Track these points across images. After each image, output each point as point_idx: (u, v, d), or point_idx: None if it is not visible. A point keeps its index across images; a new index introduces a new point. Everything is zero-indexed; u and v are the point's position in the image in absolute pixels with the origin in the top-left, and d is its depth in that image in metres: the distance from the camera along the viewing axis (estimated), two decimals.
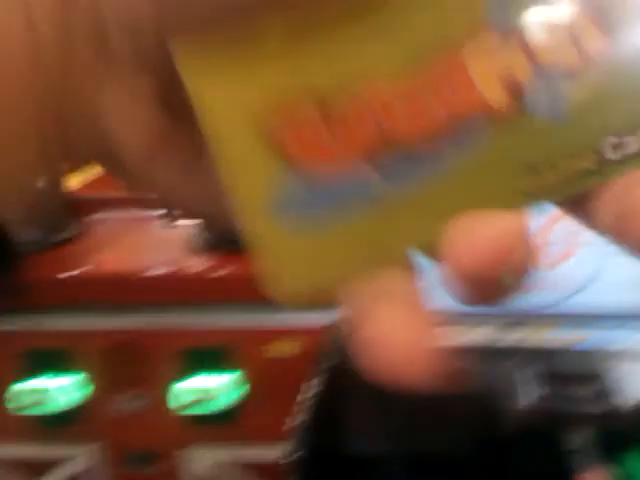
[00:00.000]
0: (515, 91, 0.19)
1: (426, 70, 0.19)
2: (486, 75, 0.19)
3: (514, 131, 0.19)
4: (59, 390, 1.41)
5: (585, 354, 0.99)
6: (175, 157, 0.22)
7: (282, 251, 0.20)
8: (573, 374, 0.95)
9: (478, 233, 0.18)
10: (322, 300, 0.20)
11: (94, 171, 2.37)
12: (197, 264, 1.43)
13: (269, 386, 1.32)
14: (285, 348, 1.29)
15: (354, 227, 0.20)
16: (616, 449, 0.84)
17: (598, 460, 0.82)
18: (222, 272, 1.37)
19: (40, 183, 0.23)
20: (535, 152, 0.19)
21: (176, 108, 0.20)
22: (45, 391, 1.41)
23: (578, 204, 0.20)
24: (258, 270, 0.20)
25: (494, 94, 0.19)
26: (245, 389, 1.36)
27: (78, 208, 1.67)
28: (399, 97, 0.19)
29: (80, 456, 1.47)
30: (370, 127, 0.19)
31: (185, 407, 1.36)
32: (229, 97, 0.19)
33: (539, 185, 0.19)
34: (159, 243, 1.57)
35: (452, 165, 0.19)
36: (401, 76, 0.19)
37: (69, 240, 1.55)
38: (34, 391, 1.42)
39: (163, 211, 1.53)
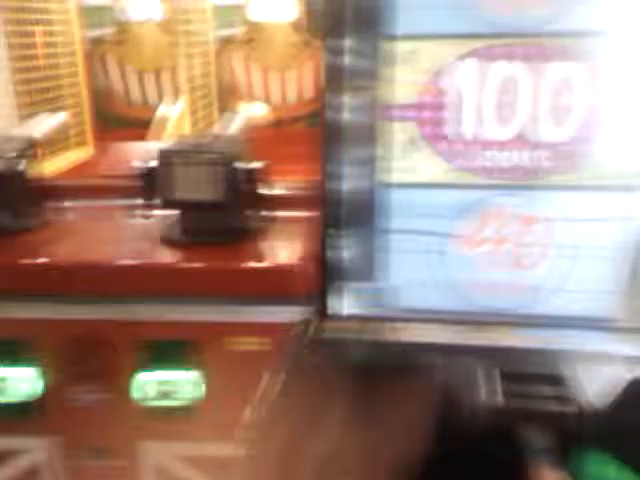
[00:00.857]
0: None
1: None
2: None
3: None
4: (17, 381, 1.38)
5: (548, 355, 0.99)
6: None
7: None
8: (535, 374, 0.95)
9: None
10: None
11: (67, 158, 2.33)
12: (164, 256, 1.41)
13: (232, 381, 1.29)
14: (250, 344, 1.26)
15: None
16: (574, 448, 0.83)
17: (555, 458, 0.81)
18: (189, 265, 1.34)
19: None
20: None
21: None
22: (2, 381, 1.38)
23: None
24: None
25: None
26: (207, 384, 1.33)
27: (49, 195, 1.64)
28: None
29: (37, 448, 1.43)
30: None
31: (146, 400, 1.34)
32: None
33: None
34: (130, 234, 1.54)
35: None
36: None
37: (37, 227, 1.52)
38: None
39: (136, 201, 1.50)
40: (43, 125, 1.84)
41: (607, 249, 1.01)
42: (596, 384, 0.91)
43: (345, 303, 1.06)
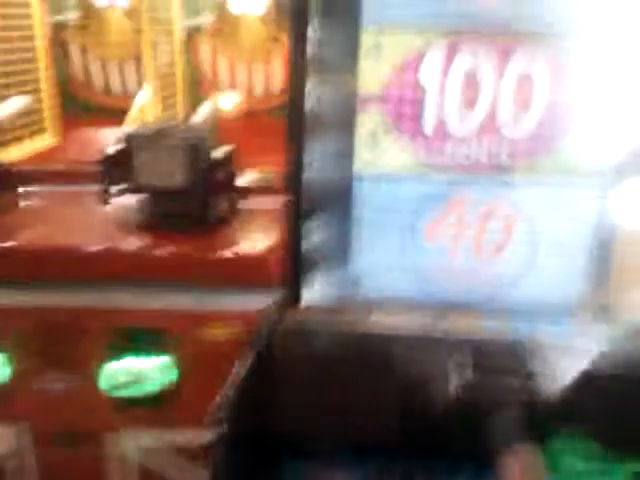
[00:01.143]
0: None
1: None
2: None
3: None
4: None
5: (512, 345, 1.00)
6: None
7: None
8: (499, 363, 0.97)
9: None
10: None
11: (32, 144, 2.28)
12: (133, 242, 1.39)
13: (202, 370, 1.29)
14: (220, 332, 1.26)
15: None
16: (541, 434, 0.85)
17: (522, 445, 0.83)
18: (159, 252, 1.33)
19: None
20: None
21: None
22: None
23: None
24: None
25: None
26: (177, 372, 1.32)
27: (13, 180, 1.60)
28: None
29: (3, 436, 1.40)
30: None
31: (115, 389, 1.32)
32: None
33: None
34: (96, 219, 1.51)
35: None
36: None
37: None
38: None
39: (103, 187, 1.48)
40: (4, 109, 1.79)
41: (570, 243, 1.04)
42: (559, 373, 0.94)
43: (315, 291, 1.06)
